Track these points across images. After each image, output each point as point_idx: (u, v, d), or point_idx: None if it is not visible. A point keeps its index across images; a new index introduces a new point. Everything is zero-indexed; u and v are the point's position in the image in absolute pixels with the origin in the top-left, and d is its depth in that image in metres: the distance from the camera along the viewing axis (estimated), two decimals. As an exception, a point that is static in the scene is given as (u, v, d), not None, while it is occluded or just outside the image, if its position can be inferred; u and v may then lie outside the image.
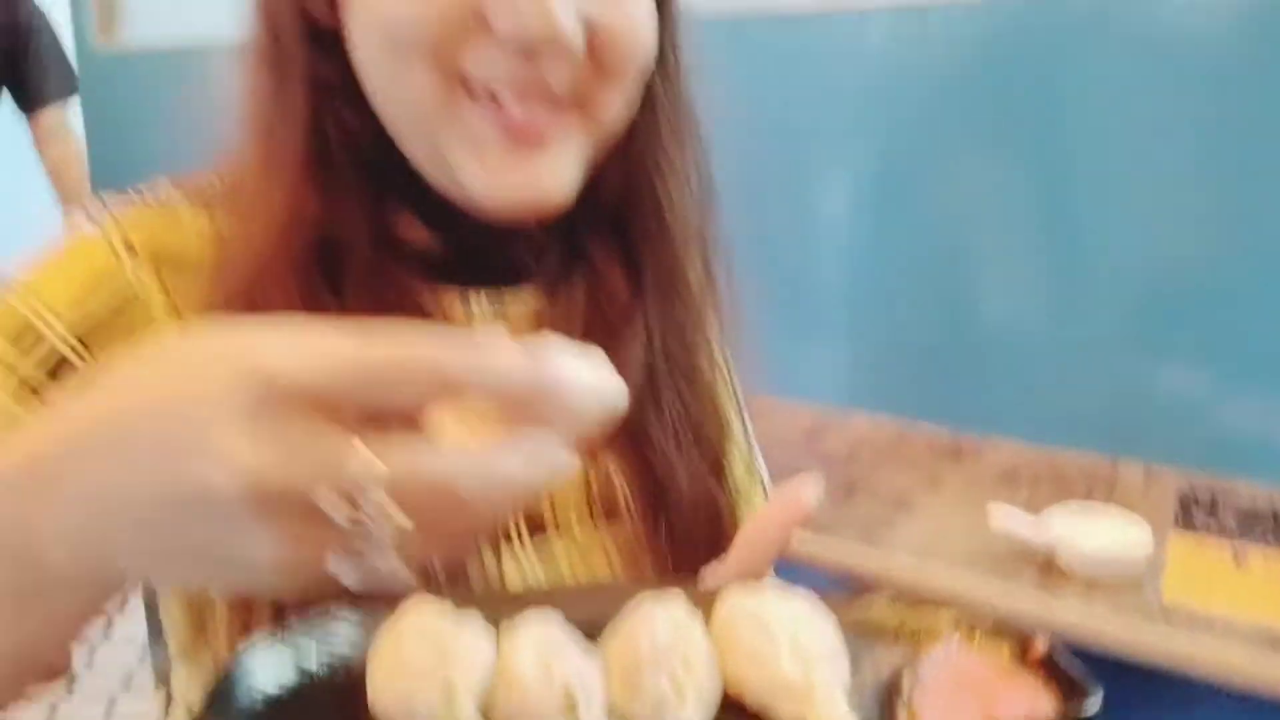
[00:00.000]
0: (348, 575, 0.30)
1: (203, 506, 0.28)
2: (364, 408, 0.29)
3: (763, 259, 0.66)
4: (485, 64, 0.46)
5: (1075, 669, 0.35)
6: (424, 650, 0.36)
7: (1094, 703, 0.33)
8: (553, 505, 0.54)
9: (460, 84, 0.47)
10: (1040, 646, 0.36)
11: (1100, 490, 1.28)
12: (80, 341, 0.47)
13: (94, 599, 0.34)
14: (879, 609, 0.41)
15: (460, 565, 0.48)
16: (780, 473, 0.62)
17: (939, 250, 1.52)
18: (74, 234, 0.51)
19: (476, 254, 0.54)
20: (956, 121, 1.46)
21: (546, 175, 0.49)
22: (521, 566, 0.52)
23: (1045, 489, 1.28)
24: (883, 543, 1.14)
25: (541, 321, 0.57)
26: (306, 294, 0.48)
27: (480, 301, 0.56)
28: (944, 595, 1.05)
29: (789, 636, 0.37)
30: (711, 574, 0.46)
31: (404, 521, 0.29)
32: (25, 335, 0.47)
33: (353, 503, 0.28)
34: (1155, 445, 1.36)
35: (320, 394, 0.28)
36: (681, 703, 0.35)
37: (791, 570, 0.50)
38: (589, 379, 0.33)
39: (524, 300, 0.57)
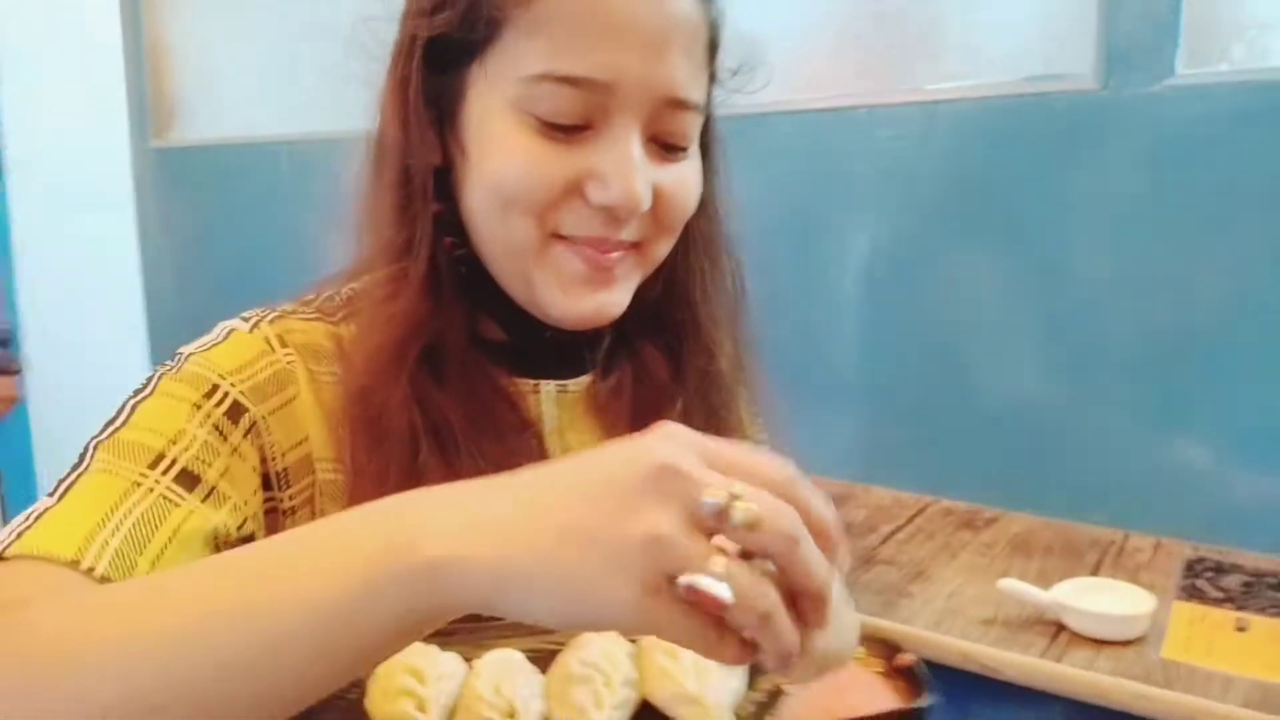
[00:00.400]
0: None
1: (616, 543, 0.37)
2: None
3: (786, 344, 0.76)
4: (577, 223, 0.59)
5: (926, 676, 0.45)
6: (407, 679, 0.50)
7: (931, 698, 0.43)
8: None
9: (553, 234, 0.60)
10: (905, 659, 0.46)
11: (1110, 560, 1.34)
12: (248, 396, 0.60)
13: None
14: None
15: None
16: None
17: (955, 333, 1.61)
18: (233, 329, 0.64)
19: (544, 351, 0.66)
20: (966, 209, 1.57)
21: (610, 302, 0.62)
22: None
23: (1057, 559, 1.34)
24: (900, 611, 1.20)
25: (595, 401, 0.69)
26: (416, 383, 0.61)
27: (549, 388, 0.68)
28: (959, 659, 1.11)
29: (692, 656, 0.48)
30: None
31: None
32: (211, 391, 0.59)
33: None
34: (1164, 518, 1.42)
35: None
36: (599, 710, 0.48)
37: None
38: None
39: (581, 385, 0.69)
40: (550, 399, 0.69)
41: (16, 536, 0.52)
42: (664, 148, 0.62)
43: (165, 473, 0.54)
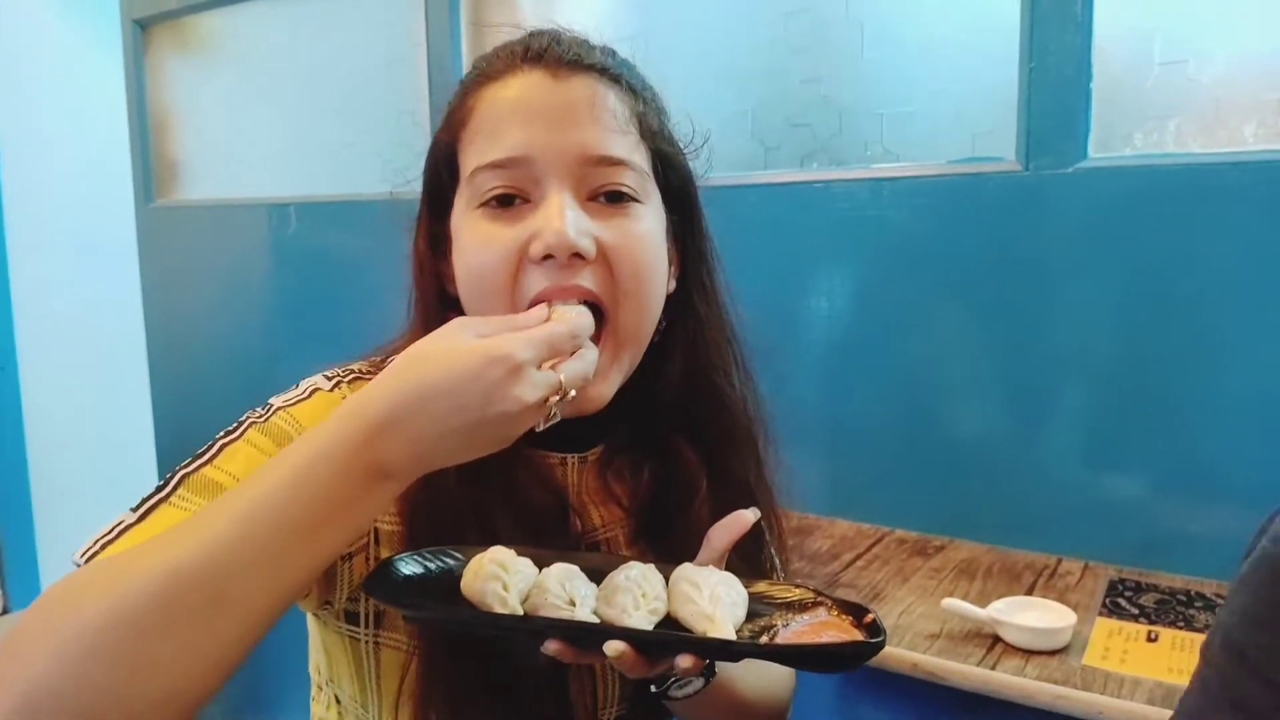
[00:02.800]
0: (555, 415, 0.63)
1: (504, 419, 0.59)
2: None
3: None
4: (535, 285, 0.71)
5: (883, 627, 0.61)
6: (493, 567, 0.66)
7: (881, 641, 0.59)
8: None
9: (528, 305, 0.72)
10: (869, 617, 0.62)
11: (1043, 582, 1.49)
12: None
13: (391, 499, 0.61)
14: (779, 589, 0.69)
15: None
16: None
17: (908, 382, 1.75)
18: (317, 388, 0.75)
19: (565, 431, 0.72)
20: (915, 272, 1.72)
21: (594, 396, 0.73)
22: None
23: (996, 581, 1.50)
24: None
25: (607, 470, 0.83)
26: (464, 468, 0.70)
27: (570, 459, 0.81)
28: (909, 668, 1.27)
29: (710, 589, 0.65)
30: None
31: (573, 396, 0.63)
32: (286, 442, 0.70)
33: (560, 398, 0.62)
34: (1092, 544, 1.57)
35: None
36: (637, 611, 0.64)
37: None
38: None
39: (594, 454, 0.83)
40: (574, 469, 0.81)
41: (101, 546, 0.62)
42: (606, 203, 0.72)
43: None
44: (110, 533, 0.63)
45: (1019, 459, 1.66)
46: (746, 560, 0.78)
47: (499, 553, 0.67)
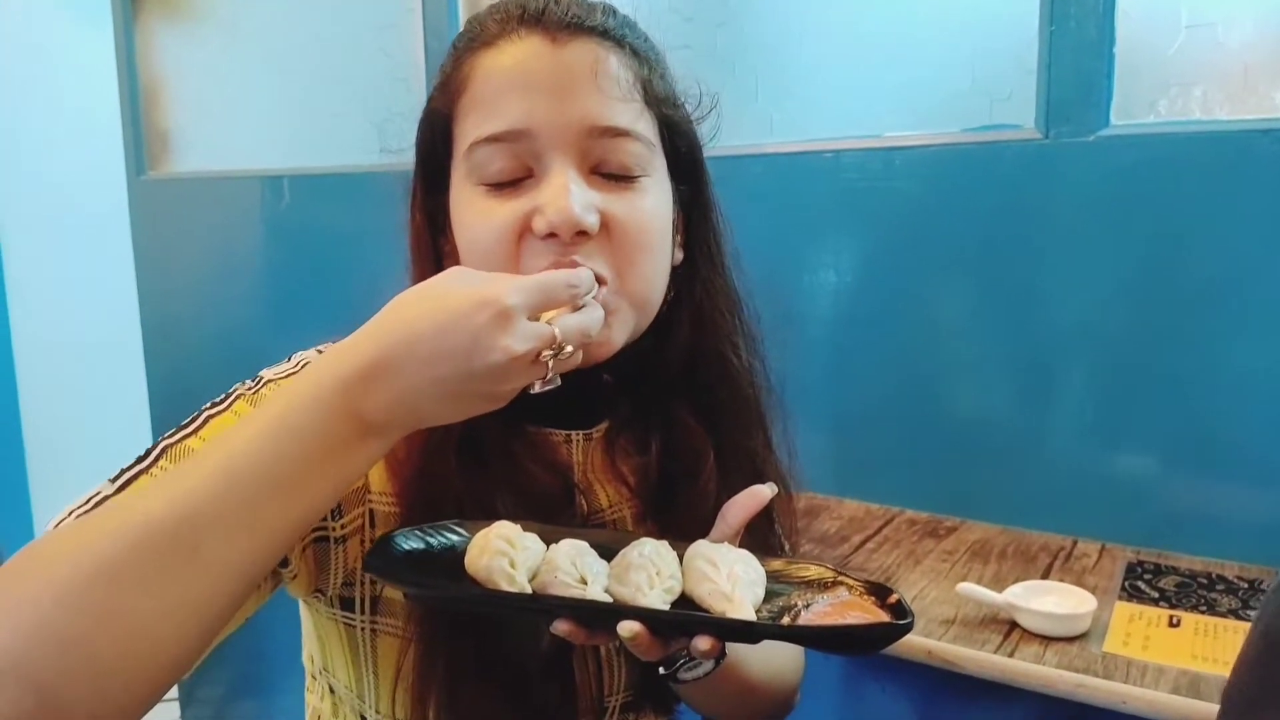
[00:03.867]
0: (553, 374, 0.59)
1: (493, 372, 0.55)
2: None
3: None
4: (539, 263, 0.67)
5: (909, 608, 0.57)
6: (500, 543, 0.62)
7: (909, 623, 0.56)
8: None
9: None
10: (893, 598, 0.59)
11: (1059, 564, 1.46)
12: None
13: (376, 458, 0.57)
14: (795, 567, 0.66)
15: None
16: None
17: (919, 359, 1.72)
18: (308, 361, 0.71)
19: (569, 406, 0.74)
20: (926, 243, 1.68)
21: (602, 340, 0.68)
22: None
23: (1011, 564, 1.46)
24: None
25: (614, 446, 0.80)
26: (463, 454, 0.71)
27: (577, 437, 0.78)
28: (923, 656, 1.23)
29: (727, 567, 0.61)
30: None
31: (570, 352, 0.59)
32: None
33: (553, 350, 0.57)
34: (1108, 525, 1.54)
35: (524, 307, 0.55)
36: (651, 589, 0.60)
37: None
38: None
39: (600, 430, 0.80)
40: (579, 447, 0.78)
41: (75, 519, 0.58)
42: (610, 178, 0.69)
43: None
44: (86, 503, 0.60)
45: (1033, 436, 1.62)
46: (759, 539, 0.76)
47: (505, 527, 0.63)
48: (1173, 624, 1.25)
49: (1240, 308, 1.43)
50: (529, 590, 0.60)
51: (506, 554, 0.61)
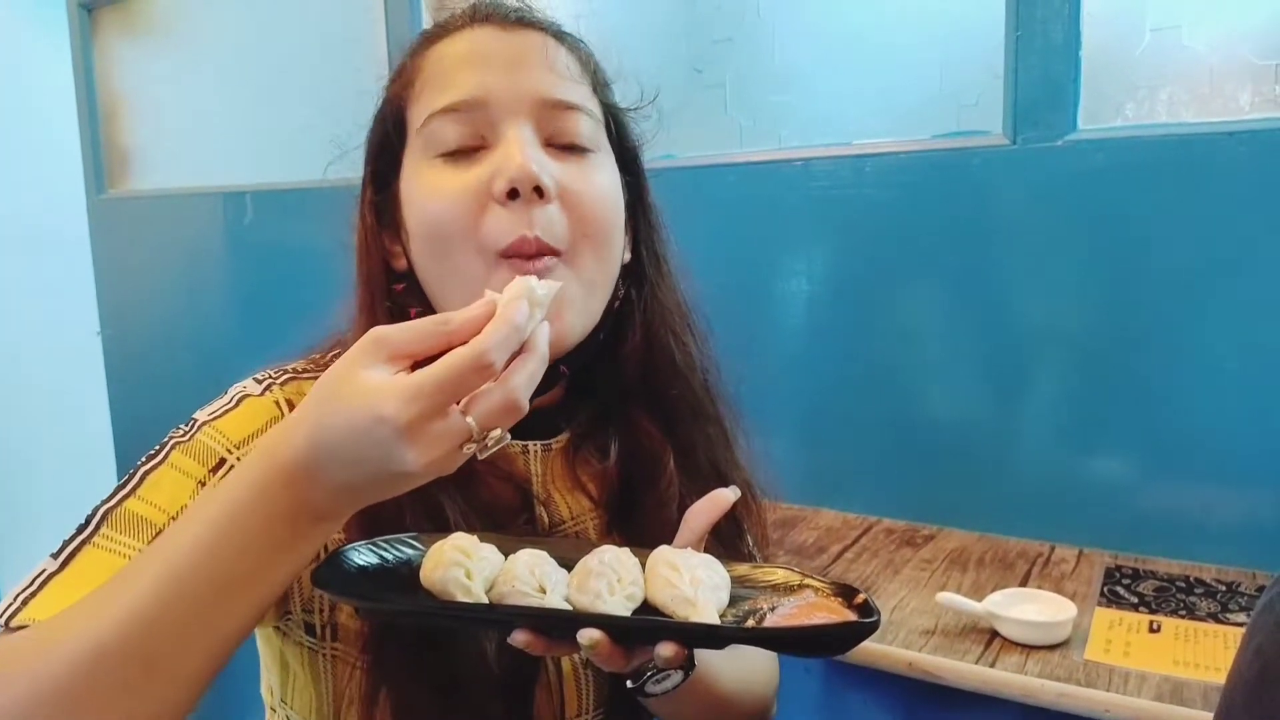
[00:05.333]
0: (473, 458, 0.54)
1: (412, 476, 0.52)
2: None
3: (740, 382, 0.85)
4: (499, 229, 0.66)
5: (876, 607, 0.56)
6: (455, 554, 0.59)
7: (876, 621, 0.54)
8: None
9: (497, 256, 0.67)
10: (860, 598, 0.57)
11: (1038, 570, 1.45)
12: None
13: (330, 536, 0.56)
14: (762, 572, 0.64)
15: None
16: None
17: (893, 367, 1.71)
18: (245, 394, 0.70)
19: (527, 417, 0.72)
20: (897, 251, 1.67)
21: (564, 326, 0.68)
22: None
23: (990, 572, 1.45)
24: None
25: (573, 456, 0.78)
26: None
27: (533, 447, 0.76)
28: (904, 667, 1.21)
29: (690, 572, 0.59)
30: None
31: (498, 435, 0.54)
32: (218, 465, 0.66)
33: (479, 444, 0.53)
34: (1085, 530, 1.53)
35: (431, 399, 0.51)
36: (612, 596, 0.58)
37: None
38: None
39: (560, 442, 0.78)
40: (537, 458, 0.77)
41: (22, 602, 0.58)
42: (564, 149, 0.70)
43: None
44: (31, 585, 0.59)
45: (1008, 442, 1.62)
46: (727, 547, 0.75)
47: (461, 539, 0.61)
48: (1153, 629, 1.24)
49: (1210, 309, 1.43)
50: (485, 601, 0.58)
51: (462, 564, 0.59)
